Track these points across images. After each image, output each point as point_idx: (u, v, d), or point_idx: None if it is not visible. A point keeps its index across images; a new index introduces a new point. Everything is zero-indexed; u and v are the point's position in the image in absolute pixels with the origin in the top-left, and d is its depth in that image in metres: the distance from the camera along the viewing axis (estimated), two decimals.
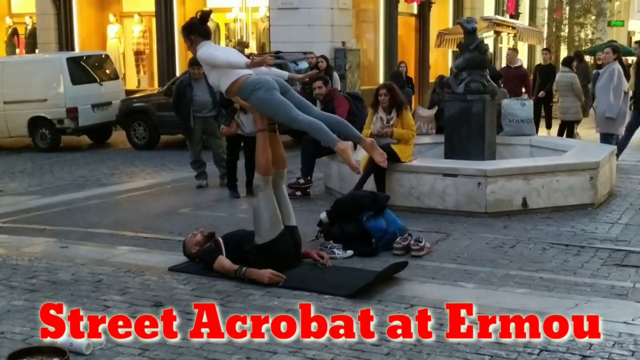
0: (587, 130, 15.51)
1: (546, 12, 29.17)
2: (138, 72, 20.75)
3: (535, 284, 5.41)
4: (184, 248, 5.98)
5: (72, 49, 19.75)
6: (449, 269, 5.86)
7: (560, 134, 14.04)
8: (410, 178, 8.04)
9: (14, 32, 21.50)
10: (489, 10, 25.90)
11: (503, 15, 24.99)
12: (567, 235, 6.93)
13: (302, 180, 8.94)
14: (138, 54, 20.56)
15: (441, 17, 23.76)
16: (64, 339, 4.14)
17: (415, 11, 22.10)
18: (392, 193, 7.80)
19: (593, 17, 28.75)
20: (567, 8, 28.67)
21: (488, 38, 20.46)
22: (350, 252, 6.21)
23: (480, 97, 8.84)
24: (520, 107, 10.16)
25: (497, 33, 20.05)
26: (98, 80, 15.71)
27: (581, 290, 5.26)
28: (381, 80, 18.84)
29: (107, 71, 16.34)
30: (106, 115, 15.66)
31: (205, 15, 5.83)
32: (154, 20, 19.72)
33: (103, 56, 16.91)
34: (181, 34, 5.88)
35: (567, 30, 28.37)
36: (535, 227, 7.22)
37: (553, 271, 5.76)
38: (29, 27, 21.19)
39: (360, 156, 8.31)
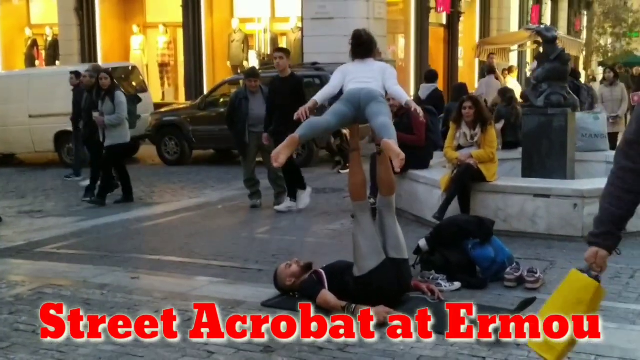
0: None
1: (566, 22, 28.75)
2: (162, 84, 20.14)
3: None
4: (275, 280, 5.38)
5: (95, 60, 19.13)
6: None
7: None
8: (496, 199, 7.44)
9: (34, 44, 20.92)
10: (514, 20, 25.55)
11: (527, 25, 24.55)
12: None
13: (372, 200, 8.29)
14: (163, 65, 19.99)
15: (467, 28, 23.29)
16: None
17: (444, 22, 21.62)
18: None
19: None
20: (602, 17, 28.35)
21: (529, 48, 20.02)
22: (457, 284, 5.60)
23: (562, 111, 8.24)
24: (593, 121, 9.57)
25: (538, 43, 19.55)
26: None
27: None
28: (412, 92, 18.28)
29: (134, 83, 15.71)
30: (135, 129, 15.01)
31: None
32: (179, 31, 19.23)
33: (130, 68, 16.29)
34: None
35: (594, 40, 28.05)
36: None
37: None
38: (50, 39, 20.62)
39: (439, 177, 7.76)
